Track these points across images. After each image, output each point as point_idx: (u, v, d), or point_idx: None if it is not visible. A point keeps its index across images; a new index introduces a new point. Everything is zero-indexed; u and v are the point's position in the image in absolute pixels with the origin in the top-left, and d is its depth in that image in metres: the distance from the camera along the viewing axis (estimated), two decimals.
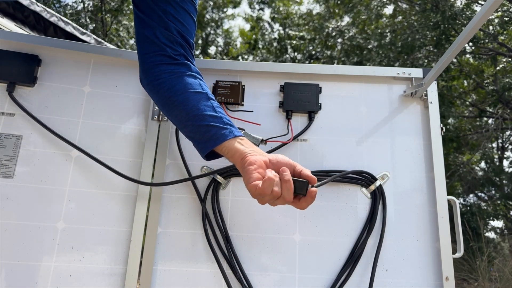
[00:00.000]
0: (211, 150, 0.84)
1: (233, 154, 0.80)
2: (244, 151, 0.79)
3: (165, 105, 0.88)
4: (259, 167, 0.75)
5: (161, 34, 0.87)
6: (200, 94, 0.86)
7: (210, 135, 0.82)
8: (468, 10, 6.62)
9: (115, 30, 10.03)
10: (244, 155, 0.78)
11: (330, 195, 1.19)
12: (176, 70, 0.87)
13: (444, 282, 1.10)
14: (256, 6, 13.36)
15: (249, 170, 0.74)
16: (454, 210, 1.21)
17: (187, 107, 0.84)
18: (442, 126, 1.23)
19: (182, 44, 0.90)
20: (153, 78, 0.88)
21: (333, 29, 10.43)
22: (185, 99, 0.84)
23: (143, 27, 0.89)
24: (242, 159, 0.78)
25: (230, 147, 0.80)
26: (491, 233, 8.68)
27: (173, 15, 0.88)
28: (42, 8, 2.71)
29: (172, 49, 0.88)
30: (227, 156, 0.82)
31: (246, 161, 0.76)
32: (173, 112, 0.86)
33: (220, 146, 0.81)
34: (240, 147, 0.80)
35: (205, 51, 13.23)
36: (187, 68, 0.89)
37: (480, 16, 0.89)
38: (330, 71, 1.29)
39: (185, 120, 0.84)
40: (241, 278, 1.11)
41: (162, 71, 0.87)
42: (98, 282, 1.11)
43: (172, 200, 1.20)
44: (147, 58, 0.89)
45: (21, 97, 1.17)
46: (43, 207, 1.12)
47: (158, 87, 0.87)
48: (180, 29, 0.89)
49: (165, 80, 0.86)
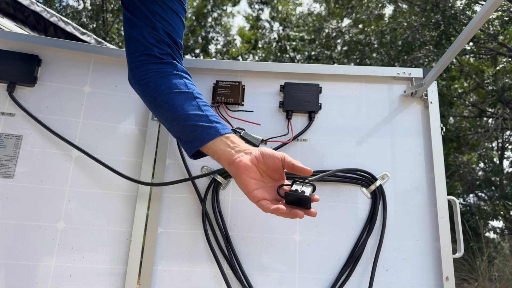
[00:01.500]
0: (198, 150, 0.83)
1: (219, 157, 0.79)
2: (229, 153, 0.77)
3: (151, 105, 0.88)
4: (251, 171, 0.74)
5: (148, 34, 0.87)
6: (186, 94, 0.85)
7: (195, 135, 0.81)
8: (468, 9, 6.62)
9: (116, 30, 10.04)
10: (231, 160, 0.76)
11: (330, 195, 1.19)
12: (161, 70, 0.87)
13: (444, 282, 1.10)
14: (256, 6, 13.37)
15: (244, 180, 0.74)
16: (454, 210, 1.21)
17: (172, 107, 0.83)
18: (442, 126, 1.23)
19: (169, 44, 0.89)
20: (140, 77, 0.87)
21: (333, 30, 10.43)
22: (170, 99, 0.84)
23: (130, 27, 0.89)
24: (229, 164, 0.77)
25: (215, 149, 0.79)
26: (491, 233, 8.69)
27: (161, 15, 0.88)
28: (42, 8, 2.71)
29: (159, 49, 0.88)
30: (214, 157, 0.80)
31: (234, 166, 0.75)
32: (159, 112, 0.86)
33: (206, 147, 0.80)
34: (225, 149, 0.78)
35: (206, 50, 13.23)
36: (173, 67, 0.89)
37: (480, 16, 0.89)
38: (330, 71, 1.29)
39: (171, 120, 0.84)
40: (241, 278, 1.11)
41: (148, 70, 0.87)
42: (98, 282, 1.11)
43: (172, 200, 1.20)
44: (133, 58, 0.89)
45: (21, 97, 1.17)
46: (43, 207, 1.12)
47: (144, 86, 0.87)
48: (168, 29, 0.89)
49: (151, 80, 0.86)
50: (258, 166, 0.75)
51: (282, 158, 0.75)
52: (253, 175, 0.74)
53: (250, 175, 0.74)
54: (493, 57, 7.55)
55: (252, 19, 13.64)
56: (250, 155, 0.76)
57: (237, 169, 0.75)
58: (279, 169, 0.76)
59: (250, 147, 0.79)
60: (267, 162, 0.75)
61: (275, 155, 0.76)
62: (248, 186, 0.73)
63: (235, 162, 0.75)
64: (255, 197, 0.73)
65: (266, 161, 0.75)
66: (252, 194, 0.73)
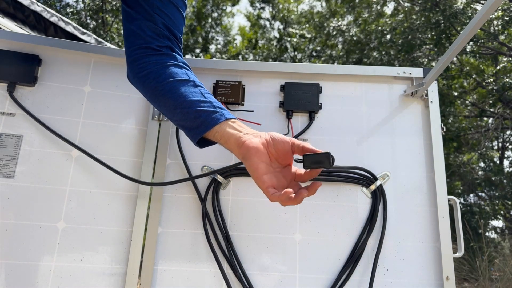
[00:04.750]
0: (203, 137, 0.80)
1: (227, 140, 0.76)
2: (238, 136, 0.74)
3: (152, 96, 0.86)
4: (261, 154, 0.71)
5: (146, 27, 0.86)
6: (187, 82, 0.83)
7: (200, 120, 0.78)
8: (468, 9, 6.62)
9: (116, 29, 10.04)
10: (241, 142, 0.73)
11: (330, 195, 1.19)
12: (161, 61, 0.86)
13: (445, 282, 1.10)
14: (257, 5, 13.37)
15: (255, 163, 0.70)
16: (454, 209, 1.21)
17: (174, 95, 0.81)
18: (442, 125, 1.23)
19: (168, 37, 0.88)
20: (139, 70, 0.86)
21: (334, 28, 10.42)
22: (171, 87, 0.82)
23: (129, 21, 0.88)
24: (238, 146, 0.73)
25: (222, 132, 0.76)
26: (491, 232, 8.69)
27: (160, 9, 0.87)
28: (43, 8, 2.70)
29: (158, 41, 0.86)
30: (221, 142, 0.77)
31: (245, 148, 0.72)
32: (160, 101, 0.84)
33: (212, 131, 0.77)
34: (233, 132, 0.75)
35: (206, 49, 13.24)
36: (172, 58, 0.87)
37: (481, 15, 0.89)
38: (330, 70, 1.29)
39: (173, 108, 0.81)
40: (242, 277, 1.11)
41: (147, 62, 0.85)
42: (98, 282, 1.11)
43: (172, 200, 1.20)
44: (132, 51, 0.87)
45: (21, 97, 1.17)
46: (44, 207, 1.12)
47: (143, 78, 0.86)
48: (167, 22, 0.88)
49: (151, 71, 0.85)
50: (268, 150, 0.73)
51: (292, 142, 0.73)
52: (263, 158, 0.71)
53: (262, 158, 0.71)
54: (493, 56, 7.54)
55: (253, 18, 13.64)
56: (260, 138, 0.74)
57: (248, 150, 0.72)
58: (289, 153, 0.74)
59: (257, 131, 0.76)
60: (277, 145, 0.73)
61: (285, 139, 0.74)
62: (259, 170, 0.70)
63: (245, 143, 0.72)
64: (264, 183, 0.70)
65: (276, 144, 0.73)
66: (262, 179, 0.70)
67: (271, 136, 0.74)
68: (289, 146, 0.73)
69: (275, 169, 0.74)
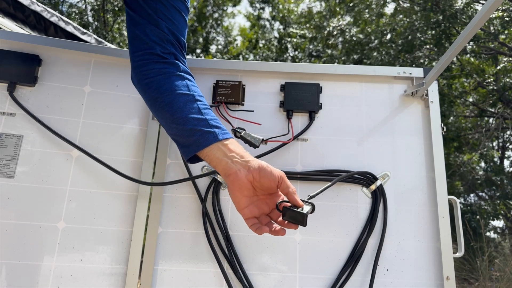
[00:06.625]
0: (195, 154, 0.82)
1: (216, 165, 0.78)
2: (226, 164, 0.76)
3: (152, 105, 0.87)
4: (244, 190, 0.74)
5: (151, 32, 0.86)
6: (187, 96, 0.84)
7: (193, 139, 0.79)
8: (469, 9, 6.62)
9: (117, 30, 10.04)
10: (227, 173, 0.75)
11: (330, 195, 1.19)
12: (164, 70, 0.86)
13: (445, 282, 1.10)
14: (257, 6, 13.37)
15: (237, 198, 0.75)
16: (454, 209, 1.21)
17: (172, 109, 0.82)
18: (442, 125, 1.23)
19: (172, 43, 0.89)
20: (142, 77, 0.87)
21: (334, 28, 10.42)
22: (170, 100, 0.83)
23: (133, 25, 0.88)
24: (225, 175, 0.76)
25: (212, 157, 0.78)
26: (491, 232, 8.68)
27: (164, 13, 0.88)
28: (43, 8, 2.70)
29: (162, 47, 0.87)
30: (211, 165, 0.79)
31: (230, 180, 0.75)
32: (159, 113, 0.85)
33: (203, 153, 0.79)
34: (222, 158, 0.76)
35: (206, 49, 13.23)
36: (175, 67, 0.88)
37: (481, 15, 0.89)
38: (330, 70, 1.29)
39: (170, 122, 0.83)
40: (242, 277, 1.11)
41: (150, 69, 0.86)
42: (99, 282, 1.11)
43: (172, 200, 1.20)
44: (136, 57, 0.88)
45: (21, 97, 1.17)
46: (44, 207, 1.12)
47: (145, 86, 0.86)
48: (171, 27, 0.88)
49: (153, 80, 0.85)
50: (254, 184, 0.75)
51: (279, 179, 0.75)
52: (246, 193, 0.74)
53: (244, 193, 0.74)
54: (493, 56, 7.54)
55: (253, 18, 13.64)
56: (247, 170, 0.74)
57: (232, 184, 0.75)
58: (274, 189, 0.76)
59: (248, 156, 0.77)
60: (263, 182, 0.74)
61: (273, 176, 0.74)
62: (240, 204, 0.75)
63: (231, 176, 0.75)
64: (244, 214, 0.75)
65: (263, 180, 0.74)
66: (242, 211, 0.75)
67: (260, 169, 0.75)
68: (275, 183, 0.75)
69: (259, 197, 0.77)
